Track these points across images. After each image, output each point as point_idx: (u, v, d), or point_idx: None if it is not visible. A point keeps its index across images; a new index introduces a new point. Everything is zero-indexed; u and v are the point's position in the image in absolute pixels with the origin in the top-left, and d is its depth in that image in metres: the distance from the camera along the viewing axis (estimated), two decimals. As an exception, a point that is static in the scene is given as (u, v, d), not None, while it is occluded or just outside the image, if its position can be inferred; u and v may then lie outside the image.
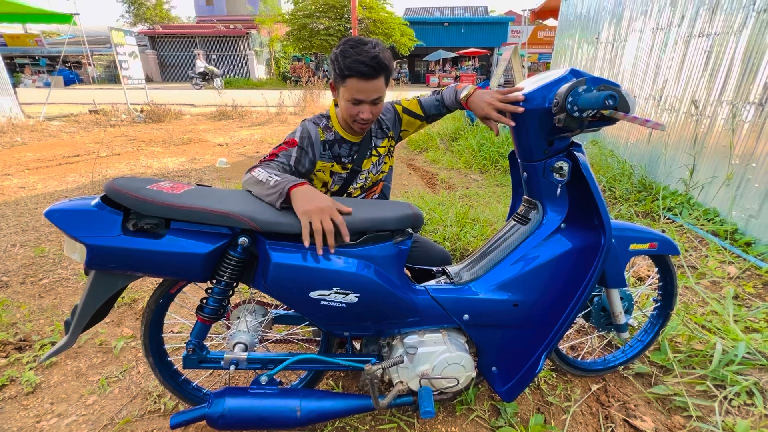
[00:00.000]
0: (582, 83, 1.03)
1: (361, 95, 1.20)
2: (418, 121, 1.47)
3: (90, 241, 0.94)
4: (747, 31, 2.69)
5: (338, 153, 1.35)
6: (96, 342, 1.70)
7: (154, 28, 26.94)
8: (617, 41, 4.47)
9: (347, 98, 1.22)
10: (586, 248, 1.21)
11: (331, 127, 1.34)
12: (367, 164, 1.42)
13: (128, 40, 9.26)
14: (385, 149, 1.46)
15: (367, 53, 1.15)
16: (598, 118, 1.07)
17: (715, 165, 2.91)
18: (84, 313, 1.04)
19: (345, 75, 1.17)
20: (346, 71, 1.16)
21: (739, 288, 2.11)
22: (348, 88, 1.19)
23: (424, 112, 1.45)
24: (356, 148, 1.38)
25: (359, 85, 1.18)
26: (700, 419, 1.36)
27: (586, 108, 1.00)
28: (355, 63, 1.15)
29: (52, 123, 7.73)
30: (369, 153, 1.41)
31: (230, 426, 1.07)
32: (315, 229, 0.99)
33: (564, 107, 1.03)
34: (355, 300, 1.06)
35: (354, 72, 1.16)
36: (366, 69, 1.15)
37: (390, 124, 1.45)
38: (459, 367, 1.19)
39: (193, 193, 1.04)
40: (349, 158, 1.37)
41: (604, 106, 0.97)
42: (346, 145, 1.36)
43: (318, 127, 1.32)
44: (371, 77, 1.17)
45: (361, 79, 1.17)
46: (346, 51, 1.16)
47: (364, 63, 1.14)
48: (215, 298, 1.09)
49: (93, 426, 1.31)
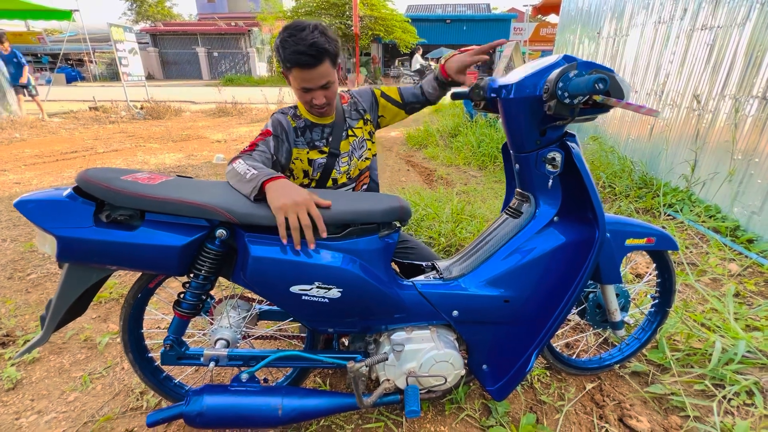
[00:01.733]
0: (573, 68, 0.97)
1: (308, 83, 1.18)
2: (396, 108, 1.47)
3: (60, 233, 0.90)
4: (750, 23, 2.63)
5: (311, 138, 1.33)
6: (81, 338, 1.68)
7: (156, 25, 26.93)
8: (619, 36, 4.41)
9: (296, 87, 1.21)
10: (580, 242, 1.16)
11: (299, 115, 1.33)
12: (345, 146, 1.38)
13: (128, 36, 9.24)
14: (363, 132, 1.43)
15: (305, 41, 1.11)
16: (591, 105, 1.02)
17: (717, 161, 2.85)
18: (58, 308, 1.00)
19: (288, 66, 1.16)
20: (288, 63, 1.14)
21: (740, 285, 2.06)
22: (294, 78, 1.18)
23: (402, 98, 1.46)
24: (329, 129, 1.36)
25: (303, 74, 1.16)
26: (697, 419, 1.32)
27: (577, 93, 0.95)
28: (294, 54, 1.11)
29: (52, 120, 7.72)
30: (345, 134, 1.39)
31: (208, 424, 1.03)
32: (291, 224, 0.95)
33: (554, 93, 0.98)
34: (338, 295, 1.02)
35: (295, 63, 1.13)
36: (306, 59, 1.12)
37: (366, 106, 1.44)
38: (447, 365, 1.15)
39: (169, 185, 1.00)
40: (323, 141, 1.35)
41: (594, 90, 0.91)
42: (318, 128, 1.34)
43: (287, 115, 1.31)
44: (313, 65, 1.14)
45: (303, 69, 1.14)
46: (284, 41, 1.13)
47: (304, 53, 1.11)
48: (193, 292, 1.06)
49: (73, 423, 1.28)
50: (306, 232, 0.96)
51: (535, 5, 8.93)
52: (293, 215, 0.95)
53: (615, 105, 0.94)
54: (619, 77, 0.99)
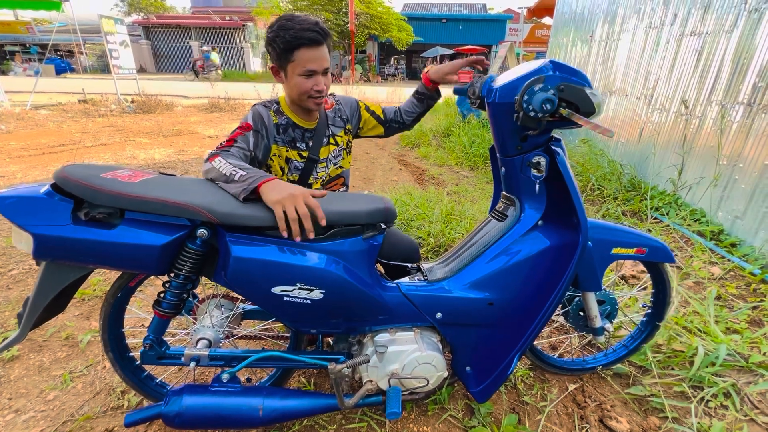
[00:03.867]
0: (540, 81, 0.97)
1: (314, 64, 1.17)
2: (376, 122, 1.50)
3: (36, 230, 0.89)
4: (738, 31, 2.67)
5: (292, 137, 1.31)
6: (62, 335, 1.65)
7: (149, 17, 26.53)
8: (611, 40, 4.45)
9: (299, 72, 1.18)
10: (564, 247, 1.17)
11: (281, 111, 1.30)
12: (324, 152, 1.37)
13: (119, 28, 9.07)
14: (343, 141, 1.43)
15: (307, 21, 1.14)
16: (558, 119, 1.02)
17: (703, 165, 2.89)
18: (35, 306, 0.99)
19: (293, 47, 1.14)
20: (294, 41, 1.13)
21: (722, 289, 2.10)
22: (298, 61, 1.16)
23: (384, 115, 1.50)
24: (310, 134, 1.34)
25: (310, 53, 1.15)
26: (676, 420, 1.34)
27: (537, 110, 0.96)
28: (301, 31, 1.12)
29: (39, 112, 7.58)
30: (326, 140, 1.37)
31: (188, 425, 1.03)
32: (290, 216, 0.95)
33: (521, 105, 0.98)
34: (320, 296, 1.02)
35: (303, 40, 1.13)
36: (313, 34, 1.13)
37: (349, 115, 1.44)
38: (430, 366, 1.16)
39: (151, 183, 0.99)
40: (303, 144, 1.33)
41: (542, 110, 0.94)
42: (299, 130, 1.32)
43: (269, 110, 1.28)
44: (320, 43, 1.16)
45: (310, 47, 1.14)
46: (285, 25, 1.14)
47: (310, 29, 1.13)
48: (173, 292, 1.04)
49: (51, 423, 1.26)
50: (305, 222, 0.96)
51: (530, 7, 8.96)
52: (291, 207, 0.95)
53: (577, 121, 0.95)
54: (591, 91, 0.99)
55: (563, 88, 0.96)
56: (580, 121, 0.93)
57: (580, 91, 0.97)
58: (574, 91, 0.97)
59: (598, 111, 0.99)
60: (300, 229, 0.97)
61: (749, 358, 1.56)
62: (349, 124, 1.44)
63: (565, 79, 0.98)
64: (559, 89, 0.96)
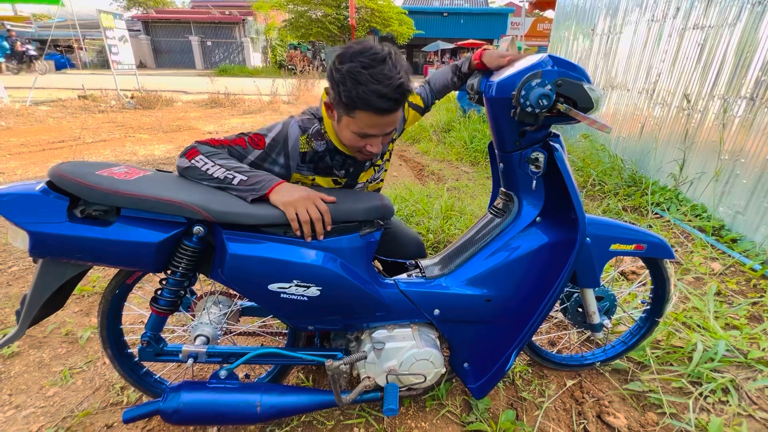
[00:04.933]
0: (537, 76, 0.96)
1: (375, 130, 0.98)
2: (418, 114, 1.33)
3: (32, 228, 0.89)
4: (741, 24, 2.64)
5: (328, 165, 1.13)
6: (62, 332, 1.66)
7: (148, 12, 26.39)
8: (613, 33, 4.40)
9: (354, 131, 0.99)
10: (562, 243, 1.16)
11: (323, 134, 1.10)
12: (363, 177, 1.23)
13: (118, 23, 9.02)
14: (388, 154, 1.28)
15: (390, 81, 0.88)
16: (556, 114, 1.01)
17: (704, 160, 2.87)
18: (32, 303, 0.99)
19: (356, 106, 0.92)
20: (360, 103, 0.90)
21: (722, 284, 2.09)
22: (357, 121, 0.96)
23: (424, 103, 1.32)
24: (352, 161, 1.16)
25: (375, 120, 0.94)
26: (674, 416, 1.34)
27: (534, 105, 0.95)
28: (374, 95, 0.88)
29: (39, 108, 7.57)
30: (369, 164, 1.22)
31: (186, 421, 1.03)
32: (302, 218, 0.96)
33: (518, 101, 0.97)
34: (317, 293, 1.02)
35: (371, 107, 0.91)
36: (389, 104, 0.91)
37: (398, 126, 1.20)
38: (427, 363, 1.16)
39: (147, 180, 0.99)
40: (343, 171, 1.16)
41: (539, 106, 0.92)
42: (339, 157, 1.13)
43: (305, 134, 1.08)
44: (392, 111, 0.94)
45: (379, 115, 0.94)
46: (358, 74, 0.88)
47: (386, 96, 0.89)
48: (170, 289, 1.04)
49: (51, 418, 1.27)
50: (316, 225, 0.97)
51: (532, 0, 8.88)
52: (303, 210, 0.96)
53: (575, 117, 0.94)
54: (590, 86, 0.98)
55: (561, 83, 0.95)
56: (578, 117, 0.92)
57: (578, 86, 0.96)
58: (572, 86, 0.96)
59: (597, 106, 0.98)
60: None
61: (748, 354, 1.55)
62: (395, 133, 1.21)
63: (563, 74, 0.96)
64: (556, 84, 0.95)
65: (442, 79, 1.31)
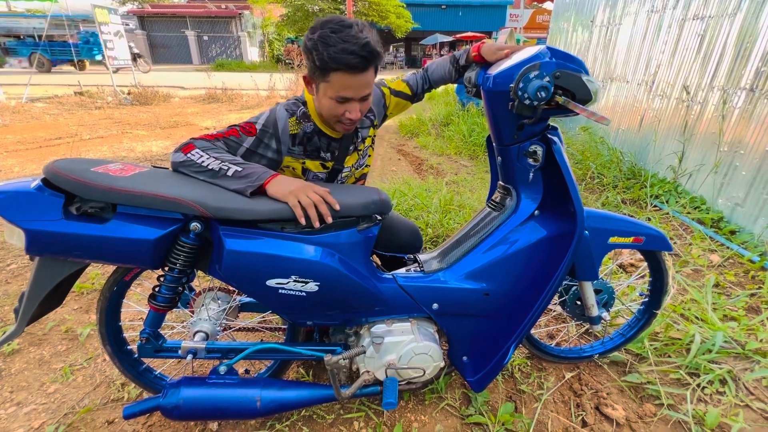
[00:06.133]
0: (535, 68, 0.95)
1: (350, 92, 1.01)
2: (405, 101, 1.34)
3: (28, 226, 0.88)
4: (741, 14, 2.61)
5: (316, 147, 1.17)
6: (62, 329, 1.66)
7: (144, 7, 26.11)
8: (612, 24, 4.37)
9: (331, 96, 1.02)
10: (560, 236, 1.16)
11: (308, 116, 1.14)
12: (350, 160, 1.26)
13: (113, 18, 8.94)
14: (369, 140, 1.31)
15: (357, 39, 0.94)
16: (555, 106, 1.00)
17: (704, 152, 2.87)
18: (30, 301, 0.99)
19: (329, 68, 0.97)
20: (332, 64, 0.95)
21: (720, 276, 2.10)
22: (332, 84, 1.00)
23: (412, 91, 1.33)
24: (337, 143, 1.20)
25: (348, 80, 0.98)
26: (671, 407, 1.35)
27: (532, 97, 0.94)
28: (342, 53, 0.94)
29: (35, 105, 7.52)
30: (353, 148, 1.25)
31: (186, 417, 1.04)
32: (306, 203, 0.97)
33: (516, 93, 0.96)
34: (315, 289, 1.02)
35: (341, 64, 0.95)
36: (357, 60, 0.95)
37: (376, 111, 1.28)
38: (426, 357, 1.16)
39: (142, 177, 0.98)
40: (329, 154, 1.19)
41: (537, 98, 0.92)
42: (325, 139, 1.17)
43: (292, 116, 1.12)
44: (362, 69, 0.98)
45: (349, 73, 0.97)
46: (326, 37, 0.95)
47: (354, 53, 0.94)
48: (168, 286, 1.04)
49: (53, 415, 1.27)
50: (320, 207, 0.99)
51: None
52: (304, 196, 0.98)
53: (573, 109, 0.94)
54: (588, 78, 0.97)
55: (559, 75, 0.95)
56: (576, 109, 0.92)
57: (576, 78, 0.95)
58: (571, 77, 0.95)
59: (595, 98, 0.97)
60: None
61: (746, 345, 1.56)
62: (375, 119, 1.28)
63: (561, 66, 0.96)
64: (554, 76, 0.95)
65: (440, 69, 1.33)
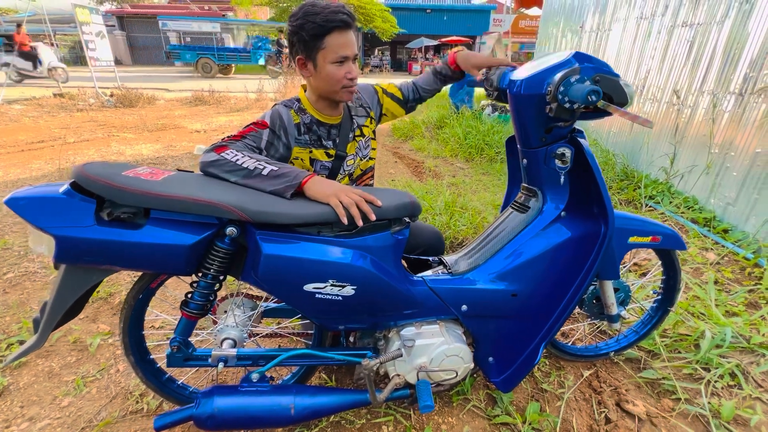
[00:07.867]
0: (576, 72, 0.97)
1: (347, 50, 1.12)
2: (398, 105, 1.44)
3: (59, 233, 0.85)
4: (729, 21, 2.73)
5: (317, 136, 1.25)
6: (70, 339, 1.60)
7: (123, 7, 25.48)
8: (601, 30, 4.50)
9: (332, 59, 1.12)
10: (586, 237, 1.19)
11: (303, 109, 1.24)
12: (351, 148, 1.32)
13: (95, 18, 8.67)
14: (369, 130, 1.37)
15: (335, 6, 1.10)
16: (592, 110, 1.03)
17: (695, 154, 2.97)
18: (55, 311, 0.95)
19: (324, 31, 1.09)
20: (326, 25, 1.08)
21: (718, 274, 2.18)
22: (330, 47, 1.11)
23: (403, 95, 1.44)
24: (336, 130, 1.28)
25: (342, 38, 1.11)
26: (688, 402, 1.39)
27: (575, 101, 0.96)
28: (331, 14, 1.08)
29: (13, 107, 7.23)
30: (352, 135, 1.32)
31: (220, 426, 1.01)
32: (347, 202, 0.98)
33: (555, 97, 0.98)
34: (351, 293, 1.01)
35: (334, 22, 1.08)
36: (344, 17, 1.09)
37: (369, 102, 1.39)
38: (457, 359, 1.17)
39: (174, 180, 0.96)
40: (330, 142, 1.27)
41: (587, 102, 0.93)
42: (324, 127, 1.26)
43: (290, 109, 1.22)
44: (350, 26, 1.12)
45: (342, 31, 1.10)
46: (311, 10, 1.09)
47: (340, 12, 1.09)
48: (201, 292, 1.02)
49: (69, 429, 1.22)
50: (361, 205, 1.00)
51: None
52: (344, 196, 1.00)
53: (614, 112, 0.96)
54: (624, 82, 1.00)
55: (599, 79, 0.97)
56: (617, 113, 0.94)
57: (614, 82, 0.97)
58: (609, 81, 0.98)
59: (631, 102, 1.00)
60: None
61: (750, 339, 1.62)
62: (372, 111, 1.39)
63: (599, 70, 0.98)
64: (594, 80, 0.97)
65: (427, 81, 1.45)
